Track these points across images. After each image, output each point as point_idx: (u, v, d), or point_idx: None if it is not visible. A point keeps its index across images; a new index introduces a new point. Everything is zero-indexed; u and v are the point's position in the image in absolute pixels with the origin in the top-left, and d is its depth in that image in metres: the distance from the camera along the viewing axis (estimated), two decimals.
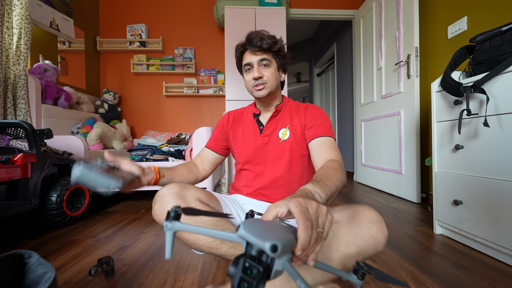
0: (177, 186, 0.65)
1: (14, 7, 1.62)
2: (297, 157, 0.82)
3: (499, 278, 0.80)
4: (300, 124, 0.83)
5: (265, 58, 0.79)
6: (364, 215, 0.55)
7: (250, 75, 0.80)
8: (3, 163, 1.12)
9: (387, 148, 2.13)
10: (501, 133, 0.89)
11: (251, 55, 0.79)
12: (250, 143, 0.86)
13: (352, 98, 3.04)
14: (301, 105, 0.89)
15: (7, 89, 1.56)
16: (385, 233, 0.54)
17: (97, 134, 1.99)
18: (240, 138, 0.88)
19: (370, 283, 0.76)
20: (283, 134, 0.84)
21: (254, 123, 0.88)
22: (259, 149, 0.84)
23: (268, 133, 0.84)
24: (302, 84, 6.53)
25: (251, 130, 0.87)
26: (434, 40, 1.82)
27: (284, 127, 0.84)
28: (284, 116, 0.86)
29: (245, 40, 0.80)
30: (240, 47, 0.81)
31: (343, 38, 3.30)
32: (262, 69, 0.79)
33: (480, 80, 0.93)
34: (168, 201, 0.62)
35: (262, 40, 0.77)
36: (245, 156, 0.86)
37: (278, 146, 0.83)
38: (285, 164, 0.82)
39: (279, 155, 0.82)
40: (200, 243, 0.63)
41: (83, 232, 1.26)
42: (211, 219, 0.64)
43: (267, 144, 0.84)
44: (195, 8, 2.81)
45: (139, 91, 2.80)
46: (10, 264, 0.51)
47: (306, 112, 0.84)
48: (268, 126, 0.85)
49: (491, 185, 0.92)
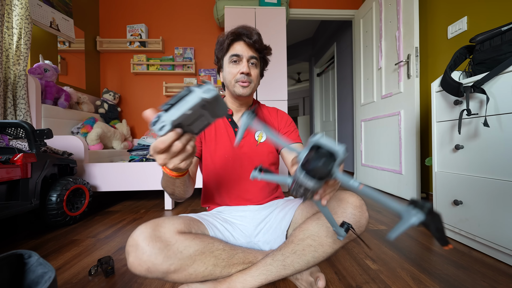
0: (148, 227, 0.57)
1: (14, 7, 1.62)
2: (273, 161, 0.84)
3: (499, 278, 0.80)
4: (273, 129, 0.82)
5: (255, 57, 0.77)
6: (348, 202, 0.62)
7: (237, 68, 0.76)
8: (3, 163, 1.12)
9: (387, 148, 2.13)
10: (501, 133, 0.89)
11: (243, 48, 0.75)
12: (226, 146, 0.80)
13: (352, 98, 3.04)
14: (271, 109, 0.90)
15: (7, 89, 1.56)
16: (367, 216, 0.62)
17: (97, 134, 1.99)
18: (213, 142, 0.81)
19: (370, 283, 0.76)
20: (259, 137, 0.82)
21: (227, 124, 0.82)
22: (236, 153, 0.80)
23: (243, 135, 0.77)
24: (302, 84, 6.53)
25: (225, 132, 0.81)
26: (434, 40, 1.82)
27: (259, 129, 0.81)
28: (258, 117, 0.84)
29: (239, 29, 0.75)
30: (232, 35, 0.75)
31: (343, 38, 3.30)
32: (250, 67, 0.77)
33: (480, 80, 0.93)
34: (143, 249, 0.54)
35: (259, 39, 0.76)
36: (221, 161, 0.80)
37: (256, 148, 0.81)
38: (264, 164, 0.80)
39: (257, 157, 0.80)
40: (192, 277, 0.59)
41: (83, 232, 1.26)
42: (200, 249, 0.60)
43: (242, 147, 0.80)
44: (195, 8, 2.81)
45: (139, 91, 2.80)
46: (10, 264, 0.51)
47: (279, 118, 0.87)
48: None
49: (491, 185, 0.92)
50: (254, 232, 0.76)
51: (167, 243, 0.56)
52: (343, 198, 0.63)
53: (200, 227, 0.68)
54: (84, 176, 1.65)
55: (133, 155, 1.95)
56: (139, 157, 1.90)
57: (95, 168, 1.66)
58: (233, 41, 0.76)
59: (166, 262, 0.55)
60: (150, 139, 2.07)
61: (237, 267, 0.64)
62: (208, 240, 0.62)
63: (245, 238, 0.75)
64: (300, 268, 0.64)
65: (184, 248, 0.58)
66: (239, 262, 0.65)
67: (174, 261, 0.56)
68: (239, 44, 0.75)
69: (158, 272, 0.55)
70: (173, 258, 0.56)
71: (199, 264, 0.59)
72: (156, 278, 0.59)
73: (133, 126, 2.78)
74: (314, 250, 0.62)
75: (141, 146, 1.99)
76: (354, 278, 0.79)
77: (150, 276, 0.55)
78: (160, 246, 0.55)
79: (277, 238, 0.73)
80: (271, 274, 0.62)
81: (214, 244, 0.63)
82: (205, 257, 0.60)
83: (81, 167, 1.65)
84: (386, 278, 0.80)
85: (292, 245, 0.64)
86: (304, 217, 0.70)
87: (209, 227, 0.70)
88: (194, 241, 0.60)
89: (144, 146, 1.98)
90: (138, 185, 1.70)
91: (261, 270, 0.63)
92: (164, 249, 0.55)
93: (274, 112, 0.90)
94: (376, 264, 0.89)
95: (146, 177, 1.69)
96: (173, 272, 0.57)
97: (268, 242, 0.74)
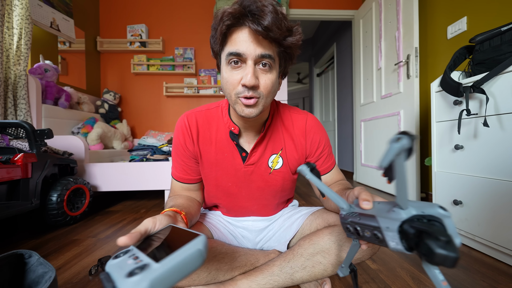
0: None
1: (14, 8, 1.62)
2: (288, 185, 0.69)
3: (498, 278, 0.80)
4: (297, 153, 0.64)
5: (269, 54, 0.48)
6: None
7: (237, 75, 0.49)
8: (3, 163, 1.12)
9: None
10: (500, 133, 0.89)
11: (248, 41, 0.47)
12: (228, 173, 0.63)
13: (351, 98, 3.04)
14: (298, 116, 0.65)
15: (7, 89, 1.56)
16: (375, 251, 0.59)
17: (97, 134, 1.99)
18: (213, 165, 0.63)
19: (369, 283, 0.77)
20: (274, 162, 0.64)
21: (233, 147, 0.62)
22: (242, 180, 0.64)
23: (253, 162, 0.63)
24: (302, 84, 6.53)
25: (230, 155, 0.62)
26: (434, 40, 1.83)
27: (276, 153, 0.63)
28: (275, 136, 0.63)
29: (240, 6, 0.45)
30: (229, 17, 0.46)
31: (343, 38, 3.30)
32: (260, 73, 0.49)
33: (479, 80, 0.93)
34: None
35: (275, 21, 0.44)
36: (221, 190, 0.66)
37: (268, 177, 0.65)
38: (274, 194, 0.67)
39: (268, 186, 0.66)
40: (195, 282, 0.57)
41: (84, 232, 1.26)
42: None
43: (251, 174, 0.64)
44: (195, 8, 2.82)
45: (140, 91, 2.80)
46: (10, 264, 0.51)
47: (307, 138, 0.64)
48: (254, 153, 0.62)
49: (491, 185, 0.92)
50: (256, 239, 0.75)
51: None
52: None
53: (203, 231, 0.66)
54: (84, 176, 1.65)
55: (134, 155, 1.95)
56: (140, 157, 1.90)
57: (95, 168, 1.66)
58: (231, 27, 0.47)
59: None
60: (150, 139, 2.07)
61: (240, 270, 0.63)
62: (210, 244, 0.62)
63: (247, 244, 0.74)
64: (307, 281, 0.62)
65: None
66: (241, 264, 0.63)
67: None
68: (241, 33, 0.47)
69: None
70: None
71: (202, 269, 0.58)
72: None
73: (133, 126, 2.78)
74: (324, 269, 0.59)
75: (142, 146, 1.99)
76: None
77: None
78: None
79: (280, 245, 0.71)
80: (278, 285, 0.60)
81: (216, 247, 0.62)
82: (208, 262, 0.59)
83: (82, 167, 1.65)
84: (385, 277, 0.80)
85: (302, 260, 0.59)
86: (314, 228, 0.66)
87: (212, 230, 0.69)
88: None
89: (145, 146, 1.98)
90: (139, 185, 1.70)
91: (268, 280, 0.59)
92: None
93: (302, 123, 0.64)
94: (375, 263, 0.89)
95: (146, 177, 1.70)
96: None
97: (271, 248, 0.73)
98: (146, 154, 1.92)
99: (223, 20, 0.46)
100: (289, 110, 0.67)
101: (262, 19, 0.44)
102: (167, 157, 1.85)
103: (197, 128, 0.62)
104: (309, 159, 0.66)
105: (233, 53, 0.47)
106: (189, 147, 0.62)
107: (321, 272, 0.60)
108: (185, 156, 0.63)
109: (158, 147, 1.94)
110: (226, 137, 0.62)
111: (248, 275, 0.61)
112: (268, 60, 0.49)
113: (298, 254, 0.60)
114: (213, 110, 0.64)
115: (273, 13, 0.44)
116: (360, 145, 2.62)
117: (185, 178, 0.66)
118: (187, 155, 0.63)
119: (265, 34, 0.45)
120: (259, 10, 0.44)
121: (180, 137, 0.62)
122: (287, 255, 0.62)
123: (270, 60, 0.49)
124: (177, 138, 0.63)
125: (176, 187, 0.67)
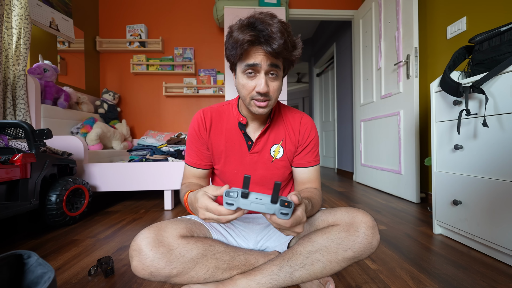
0: (151, 231, 0.57)
1: (13, 7, 1.62)
2: (286, 175, 0.77)
3: (498, 278, 0.80)
4: (293, 144, 0.73)
5: (277, 65, 0.60)
6: (362, 221, 0.60)
7: (252, 82, 0.61)
8: (2, 163, 1.12)
9: (387, 148, 2.13)
10: (500, 133, 0.89)
11: (260, 56, 0.58)
12: (236, 160, 0.73)
13: (351, 98, 3.04)
14: (294, 115, 0.76)
15: (6, 89, 1.55)
16: (378, 238, 0.60)
17: (96, 134, 1.98)
18: (222, 153, 0.73)
19: (369, 283, 0.77)
20: (276, 152, 0.73)
21: (241, 136, 0.72)
22: (247, 168, 0.73)
23: (258, 150, 0.72)
24: (301, 84, 6.54)
25: (237, 143, 0.72)
26: (434, 41, 1.83)
27: (277, 143, 0.73)
28: (277, 129, 0.73)
29: (254, 30, 0.56)
30: (248, 41, 0.56)
31: (342, 38, 3.30)
32: (269, 81, 0.61)
33: (479, 80, 0.93)
34: (146, 254, 0.54)
35: (282, 42, 0.55)
36: (228, 176, 0.75)
37: (270, 165, 0.73)
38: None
39: (270, 175, 0.74)
40: (193, 279, 0.60)
41: (83, 232, 1.26)
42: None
43: (256, 162, 0.73)
44: (195, 8, 2.81)
45: (139, 91, 2.80)
46: (9, 264, 0.51)
47: (300, 130, 0.74)
48: (259, 142, 0.72)
49: (490, 185, 0.92)
50: (257, 238, 0.75)
51: (169, 247, 0.56)
52: (356, 216, 0.61)
53: (202, 230, 0.68)
54: (83, 176, 1.65)
55: (133, 155, 1.95)
56: (139, 157, 1.90)
57: (94, 168, 1.66)
58: (249, 45, 0.58)
59: (169, 267, 0.56)
60: (150, 139, 2.07)
61: (239, 269, 0.64)
62: (210, 243, 0.63)
63: (248, 244, 0.75)
64: (307, 280, 0.63)
65: (186, 252, 0.58)
66: (240, 264, 0.65)
67: (177, 265, 0.56)
68: (255, 51, 0.58)
69: (161, 276, 0.56)
70: (175, 262, 0.56)
71: (200, 267, 0.59)
72: (159, 282, 0.61)
73: (132, 126, 2.78)
74: (323, 267, 0.61)
75: (141, 146, 1.99)
76: (354, 278, 0.80)
77: (153, 279, 0.57)
78: (162, 251, 0.55)
79: (280, 246, 0.72)
80: (277, 284, 0.61)
81: (215, 246, 0.63)
82: (207, 259, 0.60)
83: (81, 167, 1.64)
84: (385, 278, 0.80)
85: (301, 258, 0.61)
86: (314, 228, 0.68)
87: (212, 230, 0.70)
88: (196, 244, 0.60)
89: (144, 146, 1.98)
90: (138, 185, 1.69)
91: (267, 279, 0.61)
92: (166, 254, 0.56)
93: (298, 119, 0.75)
94: (375, 264, 0.89)
95: (146, 177, 1.69)
96: (175, 276, 0.57)
97: (271, 248, 0.74)
98: (146, 154, 1.92)
99: (242, 46, 0.57)
100: (288, 109, 0.78)
101: (273, 43, 0.55)
102: (167, 157, 1.85)
103: (211, 121, 0.73)
104: (298, 149, 0.75)
105: (250, 65, 0.59)
106: (203, 135, 0.73)
107: (320, 270, 0.61)
108: (198, 142, 0.74)
109: (158, 147, 1.94)
110: (235, 127, 0.72)
111: (248, 274, 0.62)
112: (276, 70, 0.61)
113: (297, 252, 0.62)
114: (225, 106, 0.76)
115: (281, 36, 0.55)
116: (360, 145, 2.62)
117: (197, 163, 0.75)
118: (200, 142, 0.74)
119: (275, 55, 0.57)
120: (269, 36, 0.55)
121: (195, 126, 0.73)
122: (286, 254, 0.64)
123: (278, 69, 0.61)
124: (192, 127, 0.74)
125: (189, 173, 0.77)
